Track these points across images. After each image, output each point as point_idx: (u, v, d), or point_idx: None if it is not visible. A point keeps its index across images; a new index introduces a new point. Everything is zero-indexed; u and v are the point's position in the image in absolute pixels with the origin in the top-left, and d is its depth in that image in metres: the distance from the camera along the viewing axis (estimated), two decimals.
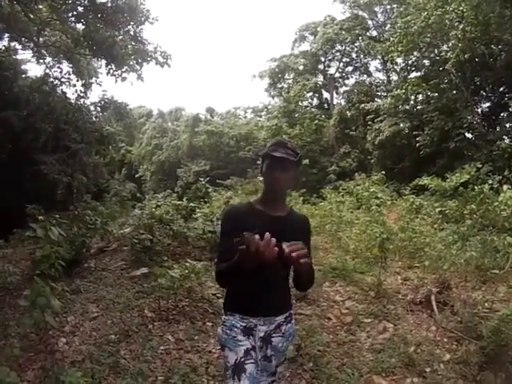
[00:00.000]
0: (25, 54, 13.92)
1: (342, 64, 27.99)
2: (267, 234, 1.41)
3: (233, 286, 1.89)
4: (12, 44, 12.84)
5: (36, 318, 3.02)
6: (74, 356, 3.51)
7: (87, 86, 14.87)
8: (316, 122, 23.35)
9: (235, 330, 1.84)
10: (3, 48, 12.74)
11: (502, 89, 16.34)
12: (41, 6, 11.55)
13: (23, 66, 14.16)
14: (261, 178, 2.09)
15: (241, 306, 1.87)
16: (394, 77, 23.86)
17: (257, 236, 1.41)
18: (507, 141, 14.21)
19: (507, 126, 15.36)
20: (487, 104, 17.50)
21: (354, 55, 27.45)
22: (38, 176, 11.71)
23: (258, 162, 2.05)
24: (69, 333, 4.02)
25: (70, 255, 5.68)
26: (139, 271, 5.59)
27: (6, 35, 11.91)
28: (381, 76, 27.03)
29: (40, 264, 4.85)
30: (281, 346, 1.91)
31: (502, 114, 16.42)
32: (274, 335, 1.88)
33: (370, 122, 20.08)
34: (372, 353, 3.55)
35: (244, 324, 1.85)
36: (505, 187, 7.87)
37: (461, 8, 12.71)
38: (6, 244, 8.07)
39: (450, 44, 14.96)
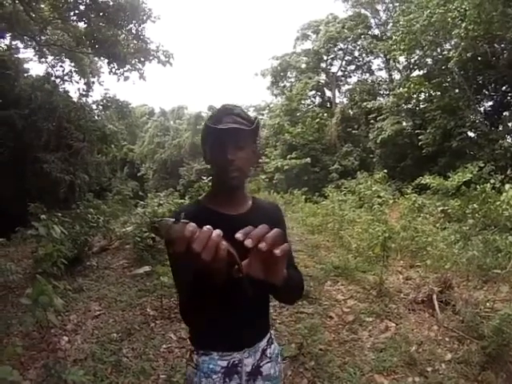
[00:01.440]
0: (27, 53, 14.01)
1: (344, 62, 27.99)
2: (206, 227, 0.89)
3: (204, 315, 1.23)
4: (14, 43, 12.86)
5: (38, 317, 3.02)
6: (76, 354, 3.53)
7: (89, 85, 14.93)
8: (318, 120, 23.32)
9: (214, 376, 1.37)
10: (5, 47, 12.77)
11: (504, 88, 16.32)
12: (42, 5, 11.56)
13: (25, 65, 14.18)
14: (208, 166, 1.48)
15: (219, 340, 1.38)
16: (397, 75, 23.86)
17: (190, 226, 0.86)
18: (510, 140, 14.22)
19: (510, 125, 15.34)
20: (490, 103, 17.47)
21: (356, 54, 27.46)
22: (40, 174, 11.73)
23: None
24: (71, 331, 4.03)
25: (73, 254, 5.71)
26: (141, 269, 5.60)
27: (8, 34, 11.92)
28: (383, 74, 27.07)
29: (42, 262, 4.87)
30: (274, 373, 1.52)
31: (504, 113, 16.36)
32: (262, 364, 1.47)
33: (372, 121, 20.09)
34: (374, 352, 3.55)
35: (225, 363, 1.38)
36: (507, 186, 7.84)
37: (463, 6, 12.67)
38: (9, 242, 8.09)
39: (453, 42, 14.97)
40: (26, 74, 13.96)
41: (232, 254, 0.91)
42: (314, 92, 28.43)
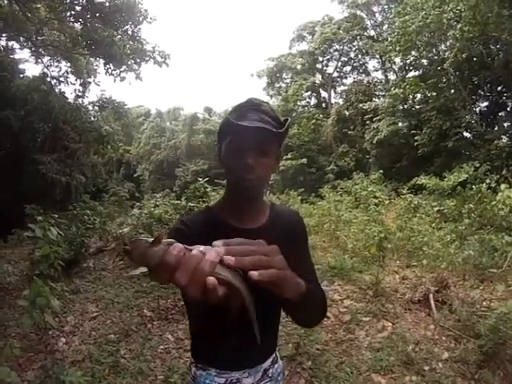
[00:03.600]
0: (23, 54, 13.91)
1: (340, 63, 28.00)
2: (198, 249, 0.64)
3: (204, 330, 1.19)
4: (10, 43, 12.80)
5: (36, 318, 3.02)
6: (73, 356, 3.52)
7: (85, 86, 14.87)
8: (314, 121, 23.36)
9: None
10: (1, 48, 12.71)
11: (499, 88, 16.40)
12: (39, 6, 11.50)
13: (21, 66, 14.11)
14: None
15: (218, 357, 1.27)
16: (392, 76, 23.90)
17: (175, 249, 0.61)
18: (505, 140, 14.24)
19: (505, 125, 15.43)
20: (485, 103, 17.56)
21: (352, 55, 27.45)
22: (36, 176, 11.69)
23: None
24: (68, 333, 4.03)
25: (69, 255, 5.70)
26: (138, 271, 5.56)
27: (4, 35, 11.88)
28: (379, 75, 27.16)
29: (39, 264, 4.86)
30: None
31: (499, 114, 16.48)
32: None
33: (368, 122, 20.08)
34: (371, 351, 3.56)
35: (223, 380, 1.28)
36: (502, 186, 7.88)
37: (459, 7, 12.75)
38: (5, 244, 8.07)
39: (448, 43, 15.04)
40: (21, 75, 13.89)
41: (235, 287, 0.66)
42: (309, 93, 28.42)
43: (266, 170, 1.10)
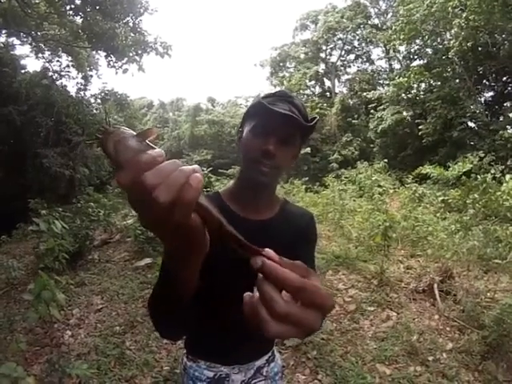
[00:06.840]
0: (23, 49, 13.88)
1: (343, 52, 27.79)
2: (156, 152, 0.46)
3: (192, 321, 0.94)
4: (10, 40, 12.76)
5: (41, 312, 3.04)
6: (79, 348, 3.55)
7: (87, 79, 14.84)
8: (318, 110, 23.24)
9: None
10: (1, 44, 12.68)
11: (505, 78, 16.30)
12: (38, 0, 11.47)
13: (22, 61, 14.07)
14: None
15: (206, 350, 1.25)
16: (397, 65, 23.73)
17: (155, 152, 0.46)
18: (510, 130, 14.15)
19: (510, 115, 15.29)
20: (490, 93, 17.49)
21: (355, 43, 27.23)
22: (40, 170, 11.71)
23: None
24: (74, 325, 4.06)
25: (74, 248, 5.73)
26: (143, 262, 5.62)
27: (4, 31, 11.84)
28: (383, 64, 26.92)
29: (44, 258, 4.90)
30: None
31: (505, 104, 16.39)
32: (253, 382, 1.30)
33: (372, 111, 19.99)
34: (375, 341, 3.57)
35: (211, 374, 1.24)
36: (507, 177, 7.86)
37: None
38: (10, 239, 8.10)
39: (453, 32, 14.84)
40: (23, 71, 13.87)
41: (210, 213, 0.52)
42: (313, 82, 28.27)
43: (283, 161, 1.05)
